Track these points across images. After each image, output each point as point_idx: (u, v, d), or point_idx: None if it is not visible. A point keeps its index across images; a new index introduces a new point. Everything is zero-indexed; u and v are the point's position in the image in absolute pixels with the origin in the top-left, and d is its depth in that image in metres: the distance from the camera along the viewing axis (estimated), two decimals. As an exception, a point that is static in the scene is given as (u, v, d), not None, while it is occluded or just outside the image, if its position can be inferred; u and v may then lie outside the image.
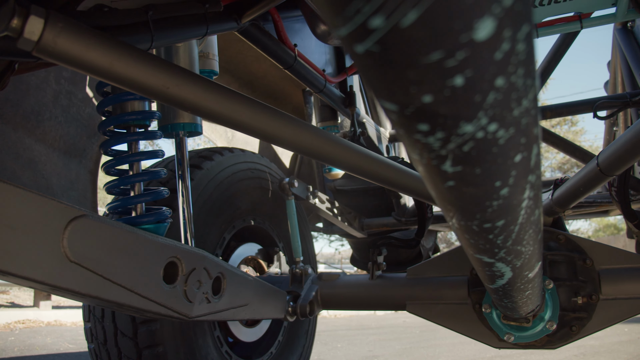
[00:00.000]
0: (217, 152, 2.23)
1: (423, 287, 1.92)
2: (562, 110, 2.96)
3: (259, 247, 2.46)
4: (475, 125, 0.38)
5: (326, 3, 0.30)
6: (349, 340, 6.38)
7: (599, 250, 1.81)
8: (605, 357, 4.49)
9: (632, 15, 2.21)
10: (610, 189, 1.85)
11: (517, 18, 0.32)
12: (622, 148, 1.35)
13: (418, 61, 0.31)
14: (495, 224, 0.60)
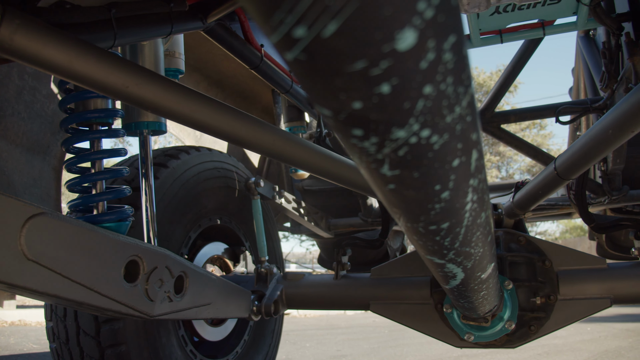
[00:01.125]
0: (184, 151, 2.22)
1: (386, 288, 1.94)
2: (525, 114, 3.02)
3: (225, 246, 2.46)
4: (408, 131, 0.39)
5: (254, 13, 0.31)
6: (317, 339, 6.40)
7: (558, 252, 1.85)
8: (568, 355, 4.58)
9: (591, 24, 2.27)
10: (568, 192, 1.90)
11: (442, 29, 0.33)
12: (578, 153, 1.39)
13: (343, 69, 0.32)
14: (441, 226, 0.61)
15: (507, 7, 2.13)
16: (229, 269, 2.42)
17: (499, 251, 1.83)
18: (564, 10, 2.17)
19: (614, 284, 1.80)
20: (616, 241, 3.23)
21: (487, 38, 2.33)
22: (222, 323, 2.41)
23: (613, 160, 2.43)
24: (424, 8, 0.31)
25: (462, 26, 0.38)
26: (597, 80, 2.45)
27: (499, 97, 2.99)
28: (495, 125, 2.94)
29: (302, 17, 0.29)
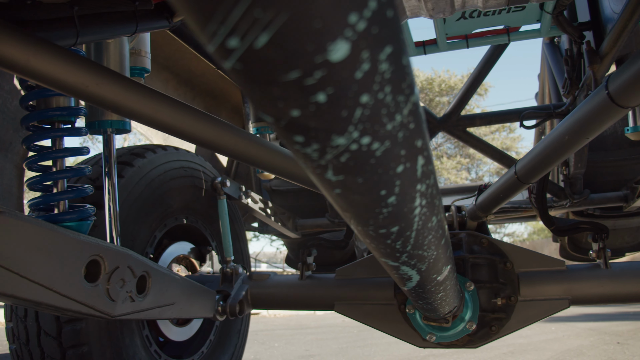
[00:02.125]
0: (150, 150, 2.20)
1: (351, 288, 1.95)
2: (491, 118, 3.08)
3: (192, 246, 2.44)
4: (348, 138, 0.40)
5: (191, 24, 0.31)
6: (286, 339, 6.40)
7: (519, 254, 1.89)
8: (532, 354, 4.67)
9: (555, 32, 2.32)
10: (530, 196, 1.94)
11: (376, 40, 0.34)
12: (536, 158, 1.42)
13: (279, 79, 0.33)
14: (390, 230, 0.62)
15: (473, 13, 2.16)
16: (195, 268, 2.41)
17: (462, 253, 1.86)
18: (529, 17, 2.21)
19: (572, 286, 1.85)
20: (578, 243, 3.31)
21: (453, 42, 2.37)
22: (188, 323, 2.40)
23: (575, 165, 2.49)
24: (355, 21, 0.32)
25: (400, 37, 0.39)
26: (560, 86, 2.51)
27: (465, 101, 3.04)
28: (461, 129, 2.98)
29: (233, 28, 0.29)
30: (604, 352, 4.75)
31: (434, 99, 24.07)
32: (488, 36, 2.37)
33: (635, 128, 2.13)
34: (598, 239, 1.88)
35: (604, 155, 2.95)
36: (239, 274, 2.13)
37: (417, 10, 1.59)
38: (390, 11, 0.35)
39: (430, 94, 24.13)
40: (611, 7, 1.96)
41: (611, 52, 1.89)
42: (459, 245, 1.89)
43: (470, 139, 3.00)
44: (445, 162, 23.86)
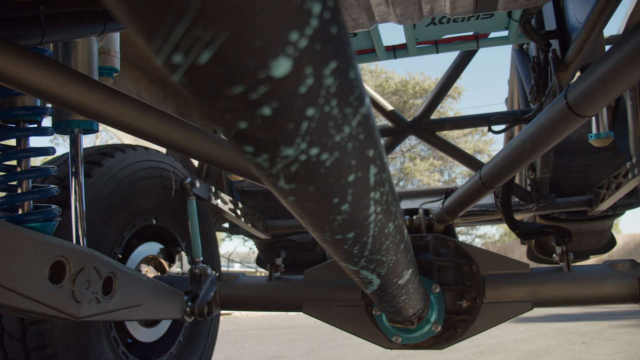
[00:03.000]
0: (119, 150, 2.18)
1: (319, 290, 1.97)
2: (460, 123, 3.12)
3: (161, 246, 2.43)
4: (296, 149, 0.41)
5: (137, 39, 0.32)
6: (258, 340, 6.39)
7: (485, 257, 1.92)
8: (500, 354, 4.73)
9: (522, 39, 2.37)
10: (495, 200, 1.97)
11: (320, 56, 0.36)
12: (500, 164, 1.45)
13: (223, 93, 0.34)
14: (346, 236, 0.64)
15: (442, 19, 2.20)
16: (164, 269, 2.40)
17: (428, 255, 1.89)
18: (497, 24, 2.25)
19: (536, 288, 1.88)
20: (545, 246, 3.37)
21: (423, 48, 2.40)
22: (156, 324, 2.39)
23: (541, 169, 2.54)
24: (297, 38, 0.33)
25: (346, 51, 0.40)
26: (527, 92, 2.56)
27: (435, 105, 3.07)
28: (431, 133, 3.02)
29: (177, 46, 0.30)
30: (569, 351, 4.84)
31: (408, 101, 24.25)
32: (457, 42, 2.40)
33: (598, 135, 2.19)
34: (561, 243, 1.92)
35: (569, 160, 3.02)
36: (208, 274, 2.13)
37: (386, 16, 1.61)
38: (334, 28, 0.36)
39: (405, 96, 24.30)
40: (576, 17, 2.01)
41: (575, 61, 1.93)
42: (425, 248, 1.91)
43: (439, 143, 3.04)
44: (419, 164, 24.04)
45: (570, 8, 2.09)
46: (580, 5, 1.97)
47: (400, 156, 24.91)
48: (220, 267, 2.76)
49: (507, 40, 2.38)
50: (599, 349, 4.94)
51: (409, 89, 24.22)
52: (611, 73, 1.00)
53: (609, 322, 7.96)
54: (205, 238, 2.54)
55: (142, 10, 0.29)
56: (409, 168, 24.16)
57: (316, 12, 0.34)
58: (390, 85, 24.33)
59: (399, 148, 23.75)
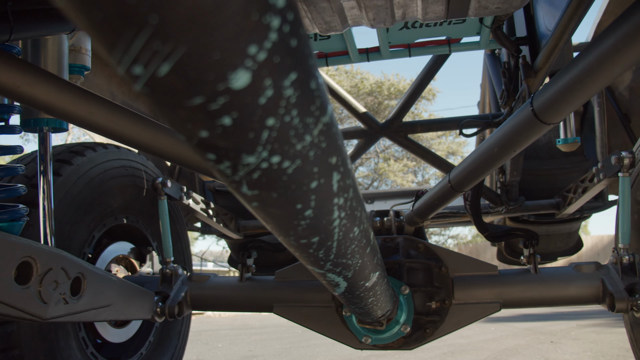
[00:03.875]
0: (90, 148, 2.16)
1: (289, 290, 1.97)
2: (431, 125, 3.16)
3: (132, 246, 2.41)
4: (257, 157, 0.42)
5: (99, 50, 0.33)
6: (230, 340, 6.37)
7: (454, 259, 1.95)
8: (471, 354, 4.79)
9: (493, 44, 2.40)
10: (465, 203, 2.00)
11: (279, 69, 0.37)
12: (468, 168, 1.47)
13: (184, 104, 0.35)
14: (311, 240, 0.65)
15: (415, 24, 2.22)
16: (134, 269, 2.38)
17: (398, 257, 1.91)
18: (469, 30, 2.28)
19: (504, 290, 1.92)
20: (514, 248, 3.43)
21: (396, 51, 2.42)
22: (126, 324, 2.37)
23: (510, 173, 2.59)
24: (255, 52, 0.34)
25: (307, 63, 0.41)
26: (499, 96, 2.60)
27: (407, 108, 3.10)
28: (403, 135, 3.05)
29: (136, 58, 0.31)
30: (538, 351, 4.92)
31: (382, 102, 24.37)
32: (430, 46, 2.43)
33: (566, 140, 2.23)
34: (529, 245, 1.96)
35: (539, 164, 3.08)
36: (179, 275, 2.12)
37: (358, 20, 1.63)
38: (294, 41, 0.37)
39: (380, 97, 24.42)
40: (545, 25, 2.04)
41: (544, 67, 1.97)
42: (395, 249, 1.93)
43: (411, 145, 3.07)
44: (393, 165, 24.18)
45: (540, 15, 2.12)
46: (550, 13, 2.01)
47: (375, 157, 25.03)
48: (192, 267, 2.75)
49: (478, 45, 2.42)
50: (566, 348, 5.04)
51: (384, 90, 24.35)
52: (574, 82, 1.03)
53: (576, 321, 8.11)
54: (176, 238, 2.53)
55: (101, 24, 0.29)
56: (383, 169, 24.29)
57: (275, 26, 0.34)
58: (366, 86, 24.42)
59: (373, 148, 23.88)
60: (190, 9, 0.29)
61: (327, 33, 1.69)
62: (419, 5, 1.55)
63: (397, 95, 23.68)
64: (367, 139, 3.12)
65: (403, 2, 1.54)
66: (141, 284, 2.11)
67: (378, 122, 3.12)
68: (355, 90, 24.15)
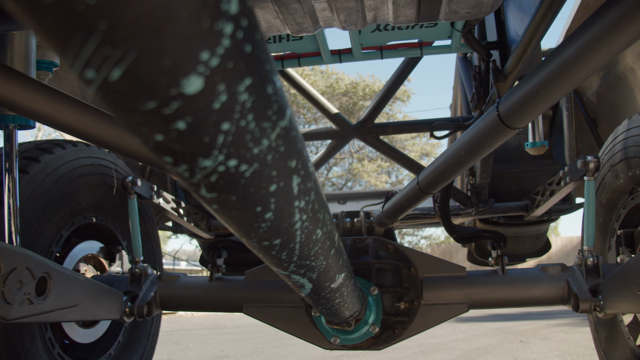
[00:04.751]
0: (59, 145, 2.13)
1: (259, 290, 1.97)
2: (403, 127, 3.19)
3: (101, 245, 2.39)
4: (214, 161, 0.43)
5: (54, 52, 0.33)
6: (202, 339, 6.33)
7: (423, 260, 1.97)
8: (441, 354, 4.83)
9: (464, 48, 2.43)
10: (434, 204, 2.02)
11: (233, 74, 0.37)
12: (436, 171, 1.49)
13: (137, 108, 0.35)
14: (273, 242, 0.65)
15: (387, 26, 2.23)
16: (104, 268, 2.36)
17: (368, 258, 1.92)
18: (441, 33, 2.31)
19: (472, 291, 1.94)
20: (483, 249, 3.48)
21: (368, 53, 2.44)
22: (95, 325, 2.34)
23: (480, 175, 2.62)
24: (207, 58, 0.34)
25: (263, 68, 0.42)
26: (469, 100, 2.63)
27: (379, 109, 3.12)
28: (374, 136, 3.07)
29: (87, 62, 0.31)
30: (507, 350, 4.99)
31: (357, 102, 24.45)
32: (402, 49, 2.45)
33: (534, 144, 2.28)
34: (497, 247, 1.99)
35: (508, 166, 3.13)
36: (149, 274, 2.11)
37: (330, 21, 1.63)
38: (248, 46, 0.38)
39: (355, 98, 24.50)
40: (515, 30, 2.08)
41: (514, 72, 2.00)
42: (365, 250, 1.95)
43: (382, 147, 3.09)
44: (366, 165, 24.28)
45: (511, 21, 2.16)
46: (520, 19, 2.04)
47: (349, 157, 25.10)
48: (163, 267, 2.73)
49: (449, 49, 2.44)
50: (534, 347, 5.12)
51: (359, 91, 24.43)
52: (537, 88, 1.05)
53: (545, 321, 8.25)
54: (147, 237, 2.51)
55: (50, 29, 0.29)
56: (357, 169, 24.37)
57: (228, 32, 0.35)
58: (341, 86, 24.46)
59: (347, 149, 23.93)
60: (140, 15, 0.29)
61: (299, 34, 1.70)
62: (390, 8, 1.56)
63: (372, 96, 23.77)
64: (339, 140, 3.13)
65: (374, 5, 1.55)
66: (110, 284, 2.09)
67: (350, 123, 3.13)
68: (330, 90, 24.18)
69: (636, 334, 2.08)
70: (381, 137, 3.07)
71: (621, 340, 2.16)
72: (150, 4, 0.29)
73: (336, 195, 3.81)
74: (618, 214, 2.17)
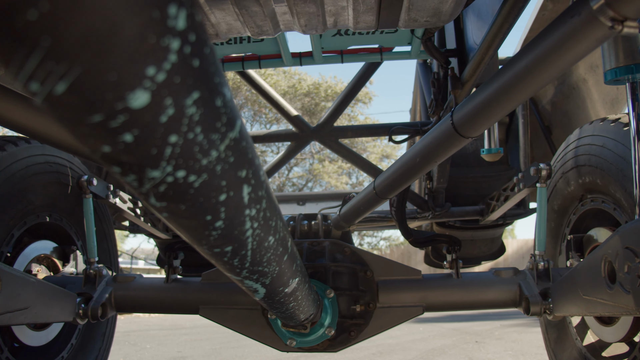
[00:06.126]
0: (11, 142, 2.08)
1: (216, 292, 1.96)
2: (362, 131, 3.22)
3: (55, 245, 2.34)
4: (162, 172, 0.43)
5: None
6: (159, 340, 6.26)
7: (379, 263, 1.99)
8: (399, 354, 4.89)
9: (424, 55, 2.47)
10: (391, 208, 2.05)
11: (180, 89, 0.37)
12: (393, 176, 1.51)
13: (84, 121, 0.35)
14: (224, 250, 0.65)
15: (348, 31, 2.25)
16: (57, 269, 2.31)
17: (324, 261, 1.93)
18: (401, 39, 2.34)
19: (427, 294, 1.98)
20: (440, 252, 3.53)
21: (329, 56, 2.45)
22: (47, 327, 2.29)
23: (437, 180, 2.67)
24: (154, 73, 0.34)
25: (212, 81, 0.42)
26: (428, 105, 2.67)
27: (338, 113, 3.15)
28: (333, 140, 3.09)
29: (31, 76, 0.31)
30: (463, 350, 5.09)
31: (319, 103, 24.51)
32: (362, 53, 2.47)
33: (490, 150, 2.33)
34: (451, 251, 2.03)
35: (465, 171, 3.19)
36: (104, 275, 2.08)
37: (290, 25, 1.64)
38: (196, 61, 0.38)
39: (317, 99, 24.55)
40: (473, 39, 2.12)
41: (471, 80, 2.04)
42: (322, 253, 1.96)
43: (341, 150, 3.11)
44: (327, 166, 24.36)
45: (469, 29, 2.20)
46: (478, 28, 2.08)
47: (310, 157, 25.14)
48: (119, 267, 2.69)
49: (409, 55, 2.48)
50: (489, 348, 5.23)
51: (321, 92, 24.49)
52: (489, 100, 1.08)
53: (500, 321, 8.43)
54: (102, 237, 2.46)
55: None
56: (317, 170, 24.43)
57: (175, 48, 0.35)
58: (303, 86, 24.48)
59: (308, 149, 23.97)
60: (85, 32, 0.30)
61: (259, 37, 1.70)
62: (350, 14, 1.58)
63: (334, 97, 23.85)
64: (298, 142, 3.14)
65: (335, 10, 1.57)
66: (63, 285, 2.05)
67: (310, 126, 3.14)
68: (292, 90, 24.17)
69: (583, 334, 2.16)
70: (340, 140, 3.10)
71: (569, 341, 2.23)
72: (94, 21, 0.30)
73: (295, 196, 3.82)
74: (569, 220, 2.24)
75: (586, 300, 1.41)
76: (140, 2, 0.32)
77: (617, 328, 1.93)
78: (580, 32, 0.85)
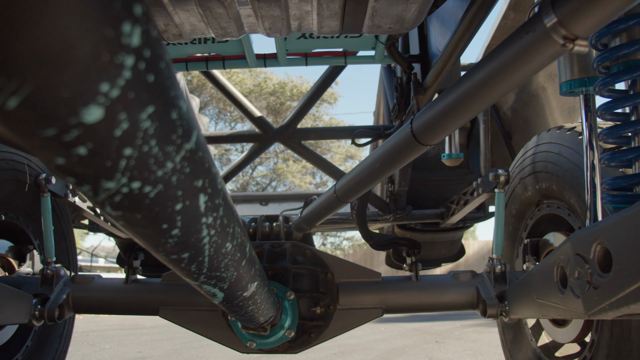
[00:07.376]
0: (-34, 140, 2.03)
1: (176, 293, 1.95)
2: (325, 133, 3.25)
3: (10, 244, 2.29)
4: (117, 183, 0.43)
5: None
6: (119, 340, 6.16)
7: (340, 265, 2.01)
8: (360, 354, 4.93)
9: (388, 59, 2.50)
10: (352, 211, 2.07)
11: (134, 104, 0.38)
12: (353, 180, 1.53)
13: (36, 134, 0.35)
14: (181, 256, 0.66)
15: (312, 35, 2.27)
16: (13, 269, 2.26)
17: (285, 263, 1.94)
18: (365, 44, 2.36)
19: (386, 296, 2.00)
20: (400, 254, 3.58)
21: (293, 59, 2.46)
22: (0, 329, 2.24)
23: (399, 183, 2.70)
24: (107, 89, 0.35)
25: (167, 95, 0.43)
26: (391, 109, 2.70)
27: (302, 114, 3.16)
28: (297, 142, 3.10)
29: None
30: (423, 350, 5.16)
31: (285, 102, 24.49)
32: (326, 57, 2.49)
33: (450, 155, 2.37)
34: (411, 254, 2.06)
35: (427, 175, 3.24)
36: (61, 276, 2.04)
37: (254, 27, 1.64)
38: (151, 76, 0.39)
39: (282, 98, 24.52)
40: (436, 45, 2.16)
41: (433, 86, 2.08)
42: (283, 255, 1.97)
43: (304, 151, 3.13)
44: (291, 166, 24.36)
45: (433, 36, 2.24)
46: (441, 34, 2.12)
47: (274, 157, 25.10)
48: (78, 267, 2.64)
49: (373, 59, 2.50)
50: (449, 347, 5.32)
51: (286, 91, 24.47)
52: (447, 109, 1.10)
53: (460, 322, 8.57)
54: (60, 236, 2.42)
55: None
56: (281, 169, 24.41)
57: (129, 65, 0.36)
58: (269, 85, 24.41)
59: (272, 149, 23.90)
60: (36, 49, 0.30)
61: (223, 38, 1.70)
62: (314, 19, 1.59)
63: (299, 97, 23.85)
64: (262, 144, 3.15)
65: (299, 14, 1.58)
66: (18, 286, 2.01)
67: (273, 127, 3.15)
68: (258, 89, 24.09)
69: (538, 335, 2.22)
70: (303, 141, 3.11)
71: (525, 342, 2.29)
72: (46, 38, 0.30)
73: (258, 196, 3.82)
74: (526, 224, 2.30)
75: (540, 304, 1.46)
76: (94, 21, 0.32)
77: (570, 329, 2.00)
78: (534, 48, 0.88)
